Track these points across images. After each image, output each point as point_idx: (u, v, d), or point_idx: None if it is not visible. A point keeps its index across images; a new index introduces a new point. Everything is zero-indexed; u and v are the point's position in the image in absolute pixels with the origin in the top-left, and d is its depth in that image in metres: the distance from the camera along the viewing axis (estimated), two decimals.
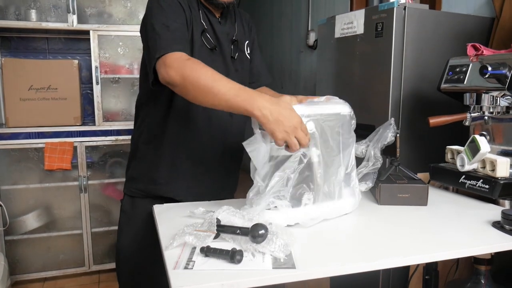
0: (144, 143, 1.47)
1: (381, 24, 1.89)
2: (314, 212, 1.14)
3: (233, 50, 1.48)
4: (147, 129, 1.46)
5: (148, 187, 1.46)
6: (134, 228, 1.49)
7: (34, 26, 2.73)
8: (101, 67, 2.81)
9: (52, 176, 2.79)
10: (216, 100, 1.10)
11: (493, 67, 1.34)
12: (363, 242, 1.05)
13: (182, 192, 1.44)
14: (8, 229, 2.67)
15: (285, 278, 0.86)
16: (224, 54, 1.45)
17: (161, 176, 1.44)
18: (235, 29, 1.50)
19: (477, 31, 1.95)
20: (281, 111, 1.03)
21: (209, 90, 1.11)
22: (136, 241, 1.48)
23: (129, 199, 1.51)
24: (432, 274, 1.48)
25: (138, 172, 1.49)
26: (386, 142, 1.34)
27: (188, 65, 1.15)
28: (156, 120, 1.43)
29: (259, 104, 1.04)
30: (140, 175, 1.48)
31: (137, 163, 1.50)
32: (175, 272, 0.85)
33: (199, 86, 1.12)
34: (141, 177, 1.48)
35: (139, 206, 1.48)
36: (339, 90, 2.27)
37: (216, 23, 1.44)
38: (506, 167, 1.31)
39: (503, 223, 1.10)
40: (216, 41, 1.42)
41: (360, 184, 1.30)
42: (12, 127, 2.65)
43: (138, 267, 1.48)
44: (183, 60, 1.17)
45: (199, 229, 0.99)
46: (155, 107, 1.43)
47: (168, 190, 1.44)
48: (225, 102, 1.09)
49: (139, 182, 1.49)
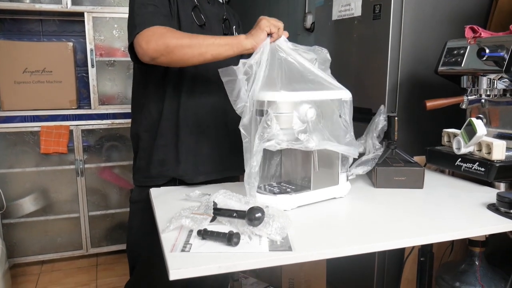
0: (146, 131, 1.44)
1: (379, 6, 1.87)
2: (311, 197, 1.15)
3: (224, 28, 1.48)
4: (146, 117, 1.44)
5: (155, 171, 1.43)
6: (146, 217, 1.42)
7: (27, 8, 2.69)
8: (96, 50, 2.78)
9: (48, 160, 2.78)
10: (203, 48, 1.20)
11: (490, 50, 1.33)
12: (359, 224, 1.06)
13: (189, 171, 1.41)
14: (5, 212, 2.68)
15: (282, 260, 0.86)
16: (214, 32, 1.43)
17: (167, 157, 1.41)
18: (224, 10, 1.52)
19: (475, 13, 1.94)
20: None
21: (194, 43, 1.20)
22: (147, 232, 1.41)
23: (138, 189, 1.47)
24: (427, 256, 1.50)
25: (145, 161, 1.45)
26: (380, 128, 1.34)
27: (167, 33, 1.21)
28: (154, 105, 1.41)
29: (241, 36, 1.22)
30: (147, 162, 1.45)
31: (142, 152, 1.47)
32: (172, 254, 0.85)
33: (183, 44, 1.20)
34: (148, 164, 1.44)
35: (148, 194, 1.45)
36: (336, 73, 2.25)
37: (205, 2, 1.45)
38: (502, 150, 1.31)
39: (498, 206, 1.11)
40: (206, 18, 1.42)
41: (358, 167, 1.31)
42: (7, 110, 2.63)
43: (152, 256, 1.42)
44: (161, 30, 1.21)
45: (196, 212, 1.00)
46: (150, 95, 1.41)
47: (176, 171, 1.41)
48: (213, 46, 1.20)
49: (147, 170, 1.44)
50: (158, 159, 1.42)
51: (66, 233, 2.89)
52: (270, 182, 1.27)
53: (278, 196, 1.12)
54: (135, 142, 1.49)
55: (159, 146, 1.41)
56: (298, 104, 1.08)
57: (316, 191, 1.17)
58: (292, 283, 2.05)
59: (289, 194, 1.13)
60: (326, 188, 1.19)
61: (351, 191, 1.28)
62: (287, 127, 1.07)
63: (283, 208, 1.09)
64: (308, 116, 1.07)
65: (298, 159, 1.22)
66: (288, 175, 1.27)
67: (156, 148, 1.41)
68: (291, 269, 2.03)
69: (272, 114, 1.06)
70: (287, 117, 1.07)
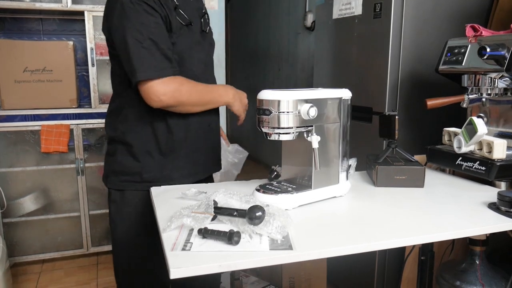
0: (127, 132, 1.38)
1: (379, 4, 1.87)
2: (312, 196, 1.16)
3: (203, 23, 1.45)
4: (126, 118, 1.38)
5: (138, 177, 1.38)
6: (128, 218, 1.42)
7: (27, 7, 2.68)
8: (97, 49, 2.78)
9: (49, 159, 2.78)
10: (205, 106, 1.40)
11: (491, 48, 1.33)
12: (360, 223, 1.06)
13: (175, 175, 1.40)
14: (5, 211, 2.68)
15: (282, 259, 0.86)
16: (198, 29, 1.42)
17: (151, 162, 1.38)
18: (202, 2, 1.50)
19: (476, 12, 1.94)
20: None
21: (200, 104, 1.37)
22: (130, 233, 1.42)
23: (117, 192, 1.42)
24: (428, 255, 1.50)
25: (125, 164, 1.40)
26: None
27: (182, 91, 1.30)
28: (136, 108, 1.35)
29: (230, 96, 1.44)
30: (128, 166, 1.39)
31: (121, 154, 1.40)
32: (173, 253, 0.85)
33: (192, 104, 1.35)
34: (129, 169, 1.39)
35: (128, 196, 1.41)
36: (337, 71, 2.26)
37: None
38: (503, 149, 1.31)
39: (499, 205, 1.11)
40: (188, 16, 1.37)
41: None
42: (8, 109, 2.62)
43: (136, 258, 1.43)
44: (176, 87, 1.28)
45: (196, 211, 1.00)
46: (131, 95, 1.35)
47: (161, 176, 1.39)
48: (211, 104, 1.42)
49: (127, 174, 1.39)
50: (142, 166, 1.38)
51: (66, 232, 2.89)
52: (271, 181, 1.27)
53: (279, 195, 1.12)
54: (113, 140, 1.43)
55: (141, 151, 1.37)
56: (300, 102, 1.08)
57: (316, 190, 1.17)
58: (293, 282, 2.05)
59: (290, 194, 1.13)
60: (327, 187, 1.19)
61: (351, 190, 1.28)
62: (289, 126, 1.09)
63: (284, 207, 1.09)
64: (310, 115, 1.08)
65: (298, 158, 1.22)
66: (288, 174, 1.27)
67: (138, 152, 1.37)
68: (292, 268, 2.03)
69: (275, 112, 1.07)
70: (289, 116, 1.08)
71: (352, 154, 1.29)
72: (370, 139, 1.97)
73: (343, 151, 1.22)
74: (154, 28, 1.25)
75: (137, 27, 1.24)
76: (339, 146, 1.20)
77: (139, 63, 1.23)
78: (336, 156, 1.20)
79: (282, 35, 4.61)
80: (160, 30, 1.27)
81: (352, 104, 1.23)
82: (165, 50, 1.26)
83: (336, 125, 1.18)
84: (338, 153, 1.20)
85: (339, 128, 1.19)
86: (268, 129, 1.10)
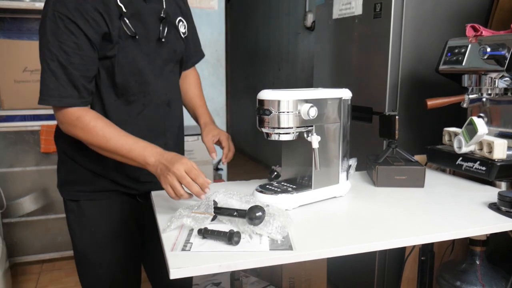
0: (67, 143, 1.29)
1: (380, 4, 1.87)
2: (312, 196, 1.15)
3: (161, 31, 1.26)
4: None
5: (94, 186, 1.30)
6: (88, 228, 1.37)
7: (27, 7, 2.68)
8: None
9: (49, 159, 2.78)
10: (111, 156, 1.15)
11: (492, 48, 1.33)
12: (360, 223, 1.06)
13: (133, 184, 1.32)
14: (5, 211, 2.67)
15: (282, 259, 0.86)
16: (149, 39, 1.24)
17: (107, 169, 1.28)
18: (162, 5, 1.28)
19: (476, 12, 1.93)
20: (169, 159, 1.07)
21: (103, 149, 1.14)
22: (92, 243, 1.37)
23: (72, 202, 1.35)
24: (428, 255, 1.50)
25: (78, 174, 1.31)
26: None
27: (78, 127, 1.15)
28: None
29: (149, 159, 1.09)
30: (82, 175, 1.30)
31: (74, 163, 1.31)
32: (172, 253, 0.85)
33: (92, 145, 1.16)
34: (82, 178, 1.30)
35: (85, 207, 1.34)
36: (337, 71, 2.26)
37: (140, 1, 1.22)
38: (503, 149, 1.31)
39: (499, 205, 1.11)
40: (140, 24, 1.21)
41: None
42: (7, 109, 2.62)
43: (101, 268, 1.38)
44: (72, 121, 1.15)
45: (196, 211, 0.99)
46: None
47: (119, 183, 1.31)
48: (120, 158, 1.14)
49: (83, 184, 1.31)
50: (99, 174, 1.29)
51: (66, 232, 2.85)
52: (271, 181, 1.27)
53: (279, 195, 1.12)
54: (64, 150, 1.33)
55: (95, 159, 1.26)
56: (300, 102, 1.08)
57: (316, 190, 1.17)
58: (293, 282, 2.05)
59: (291, 194, 1.13)
60: (327, 187, 1.19)
61: (351, 190, 1.28)
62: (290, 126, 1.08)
63: (284, 207, 1.09)
64: (310, 115, 1.08)
65: (299, 158, 1.22)
66: (288, 174, 1.27)
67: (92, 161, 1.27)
68: (292, 268, 2.03)
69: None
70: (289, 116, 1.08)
71: (352, 154, 1.30)
72: (370, 139, 1.96)
73: (343, 151, 1.22)
74: (71, 50, 1.12)
75: (50, 45, 1.14)
76: (339, 146, 1.20)
77: (42, 85, 1.18)
78: (336, 156, 1.20)
79: (282, 35, 4.61)
80: (77, 53, 1.13)
81: (352, 104, 1.23)
82: (74, 77, 1.13)
83: (336, 125, 1.18)
84: (338, 153, 1.20)
85: (339, 128, 1.19)
86: (268, 129, 1.10)
